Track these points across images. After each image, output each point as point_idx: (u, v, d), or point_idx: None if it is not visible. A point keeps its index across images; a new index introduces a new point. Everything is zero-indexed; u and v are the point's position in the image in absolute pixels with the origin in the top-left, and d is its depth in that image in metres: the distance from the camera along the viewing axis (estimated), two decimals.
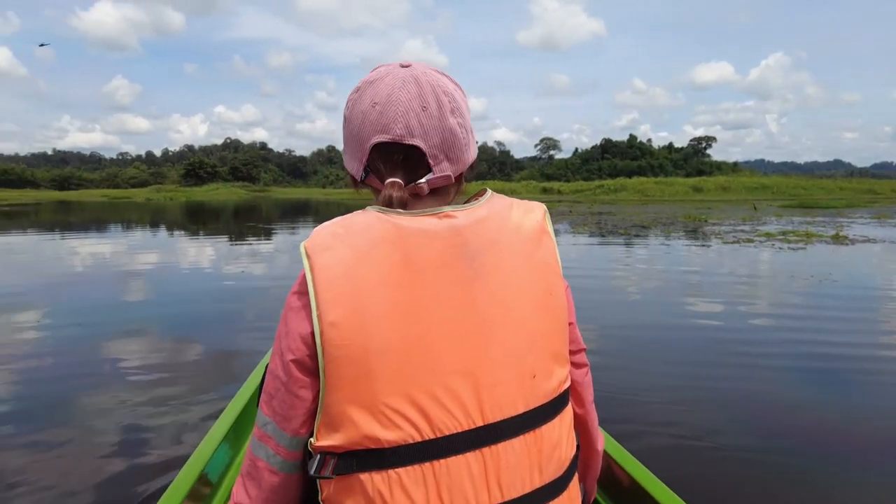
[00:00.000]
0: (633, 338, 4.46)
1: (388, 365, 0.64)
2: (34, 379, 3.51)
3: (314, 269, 0.67)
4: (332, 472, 0.66)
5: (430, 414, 0.65)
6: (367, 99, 0.77)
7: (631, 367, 3.65)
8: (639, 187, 47.69)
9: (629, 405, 2.97)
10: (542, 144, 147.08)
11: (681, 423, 2.77)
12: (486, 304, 0.69)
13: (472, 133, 0.82)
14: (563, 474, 0.74)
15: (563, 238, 11.33)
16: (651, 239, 11.80)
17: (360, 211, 0.72)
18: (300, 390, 0.71)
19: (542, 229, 0.76)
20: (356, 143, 0.77)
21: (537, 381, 0.71)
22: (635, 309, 5.54)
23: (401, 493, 0.64)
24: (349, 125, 0.79)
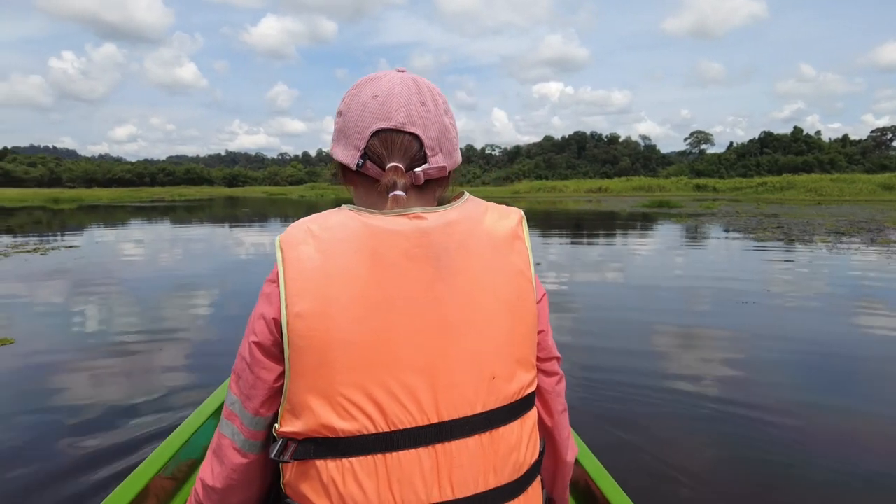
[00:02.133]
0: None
1: (349, 357, 0.67)
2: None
3: (286, 261, 0.70)
4: (291, 457, 0.69)
5: (385, 407, 0.67)
6: (368, 93, 0.79)
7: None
8: (810, 185, 41.99)
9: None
10: (692, 138, 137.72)
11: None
12: (450, 305, 0.71)
13: (458, 144, 0.85)
14: (521, 478, 0.74)
15: (745, 246, 9.76)
16: (867, 249, 9.38)
17: (334, 209, 0.75)
18: (262, 371, 0.73)
19: (515, 235, 0.78)
20: (354, 132, 0.78)
21: (497, 383, 0.72)
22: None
23: (353, 482, 0.66)
24: (346, 117, 0.80)
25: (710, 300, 5.31)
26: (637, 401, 2.92)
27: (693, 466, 2.22)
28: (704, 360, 3.61)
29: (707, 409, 2.84)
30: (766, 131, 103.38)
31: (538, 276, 0.82)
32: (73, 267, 7.34)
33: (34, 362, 3.59)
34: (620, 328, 4.41)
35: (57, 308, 5.16)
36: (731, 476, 2.18)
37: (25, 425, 2.64)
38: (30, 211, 23.11)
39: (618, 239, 11.21)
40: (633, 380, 3.23)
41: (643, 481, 2.11)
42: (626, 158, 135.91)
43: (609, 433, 2.53)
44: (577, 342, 4.01)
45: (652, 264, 7.84)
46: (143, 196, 46.29)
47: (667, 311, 4.84)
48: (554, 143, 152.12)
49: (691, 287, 6.01)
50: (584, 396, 2.95)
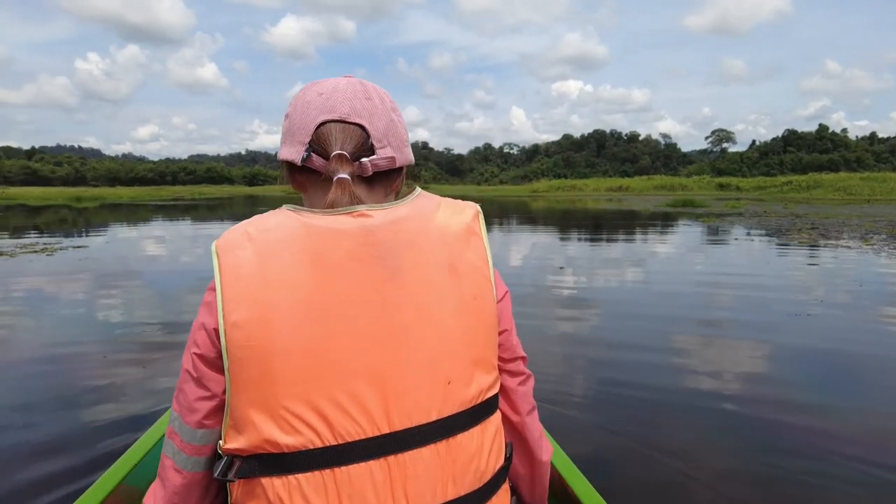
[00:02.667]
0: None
1: (291, 367, 0.63)
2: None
3: (222, 267, 0.66)
4: (235, 476, 0.66)
5: (332, 420, 0.64)
6: (312, 92, 0.78)
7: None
8: (839, 184, 40.79)
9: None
10: (713, 137, 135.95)
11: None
12: (399, 307, 0.67)
13: (408, 142, 0.83)
14: (484, 487, 0.71)
15: (782, 250, 9.15)
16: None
17: (274, 210, 0.72)
18: (206, 382, 0.70)
19: (470, 231, 0.74)
20: (300, 128, 0.76)
21: (453, 387, 0.68)
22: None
23: (301, 500, 0.63)
24: (291, 117, 0.78)
25: (752, 309, 4.88)
26: (661, 404, 2.77)
27: (709, 472, 2.11)
28: (757, 375, 3.25)
29: (739, 417, 2.61)
30: (789, 129, 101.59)
31: (499, 273, 0.81)
32: (71, 269, 6.98)
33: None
34: (647, 331, 4.07)
35: (28, 315, 4.66)
36: (751, 484, 2.04)
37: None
38: (55, 209, 23.30)
39: (641, 239, 10.74)
40: (666, 387, 2.96)
41: (657, 485, 2.01)
42: (645, 157, 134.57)
43: (623, 434, 2.42)
44: (600, 345, 3.72)
45: (681, 267, 7.46)
46: (164, 195, 46.79)
47: (703, 321, 4.44)
48: (573, 141, 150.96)
49: (726, 292, 5.58)
50: (606, 399, 2.81)
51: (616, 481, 2.02)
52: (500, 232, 12.77)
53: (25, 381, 3.14)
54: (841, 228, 12.56)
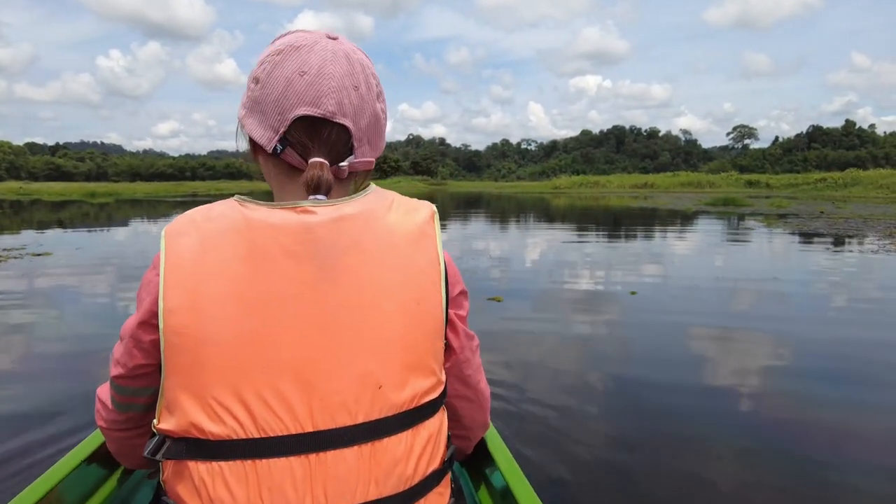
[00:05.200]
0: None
1: (220, 357, 0.64)
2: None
3: (167, 253, 0.67)
4: (163, 456, 0.67)
5: (256, 413, 0.64)
6: (292, 65, 0.71)
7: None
8: (880, 181, 38.85)
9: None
10: (735, 133, 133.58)
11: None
12: (334, 308, 0.66)
13: (385, 130, 0.81)
14: (409, 490, 0.70)
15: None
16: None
17: (223, 200, 0.71)
18: (140, 351, 0.72)
19: (422, 233, 0.72)
20: (273, 111, 0.72)
21: (385, 391, 0.68)
22: None
23: (223, 487, 0.64)
24: (265, 89, 0.72)
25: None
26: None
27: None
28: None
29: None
30: (814, 125, 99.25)
31: (459, 271, 0.80)
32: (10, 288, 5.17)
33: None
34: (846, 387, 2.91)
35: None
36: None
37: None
38: (65, 206, 22.58)
39: (711, 245, 9.30)
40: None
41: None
42: (666, 153, 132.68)
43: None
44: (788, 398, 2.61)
45: (813, 290, 5.41)
46: (181, 191, 46.35)
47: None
48: (592, 137, 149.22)
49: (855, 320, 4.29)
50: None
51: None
52: (538, 234, 11.62)
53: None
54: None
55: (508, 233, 11.60)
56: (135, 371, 0.73)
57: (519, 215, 17.53)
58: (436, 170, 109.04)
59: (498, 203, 26.90)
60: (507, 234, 11.16)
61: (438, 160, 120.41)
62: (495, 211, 20.06)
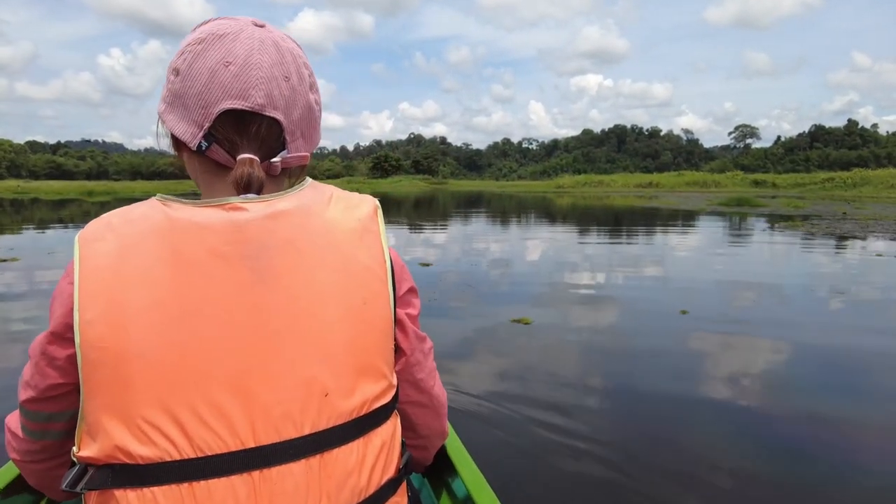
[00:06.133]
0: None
1: (147, 373, 0.59)
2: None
3: (81, 260, 0.61)
4: (85, 487, 0.61)
5: (190, 431, 0.59)
6: (216, 55, 0.66)
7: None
8: (890, 181, 38.33)
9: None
10: (736, 132, 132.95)
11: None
12: (270, 312, 0.62)
13: (320, 121, 0.77)
14: (365, 500, 0.66)
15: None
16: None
17: (144, 200, 0.66)
18: (53, 370, 0.65)
19: (365, 229, 0.68)
20: (196, 104, 0.67)
21: (332, 399, 0.63)
22: None
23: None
24: (186, 81, 0.67)
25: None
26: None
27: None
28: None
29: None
30: (816, 124, 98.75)
31: (407, 267, 0.77)
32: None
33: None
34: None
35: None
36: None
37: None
38: (57, 205, 22.00)
39: (738, 249, 8.64)
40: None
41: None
42: (667, 153, 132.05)
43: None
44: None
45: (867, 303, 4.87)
46: (180, 189, 45.80)
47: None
48: (593, 136, 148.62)
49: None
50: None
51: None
52: (554, 237, 10.91)
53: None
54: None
55: (521, 235, 10.89)
56: (48, 392, 0.66)
57: (528, 216, 16.94)
58: (437, 169, 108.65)
59: (500, 202, 26.36)
60: (520, 237, 10.43)
61: (439, 159, 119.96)
62: (501, 211, 19.49)
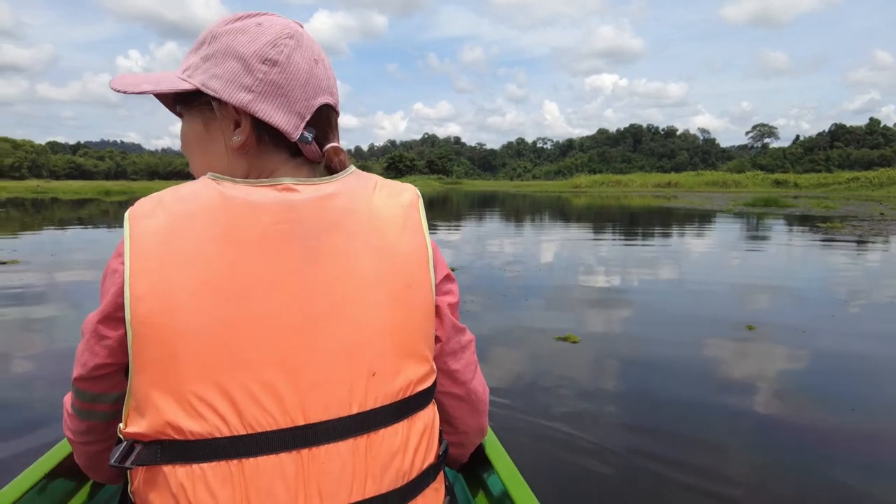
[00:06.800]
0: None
1: (197, 349, 0.59)
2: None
3: (132, 237, 0.61)
4: (134, 463, 0.61)
5: (242, 407, 0.59)
6: (307, 51, 0.70)
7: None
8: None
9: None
10: (754, 132, 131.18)
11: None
12: (320, 292, 0.62)
13: None
14: (406, 486, 0.66)
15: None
16: None
17: (195, 179, 0.67)
18: (96, 347, 0.66)
19: (407, 216, 0.70)
20: (301, 97, 0.69)
21: (377, 380, 0.64)
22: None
23: (204, 491, 0.59)
24: (287, 73, 0.68)
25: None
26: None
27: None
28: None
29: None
30: (837, 123, 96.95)
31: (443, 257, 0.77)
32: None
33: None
34: None
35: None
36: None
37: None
38: (74, 204, 21.90)
39: (805, 256, 7.81)
40: None
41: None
42: (683, 152, 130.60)
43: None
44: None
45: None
46: None
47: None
48: (608, 136, 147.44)
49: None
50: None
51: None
52: (584, 238, 10.32)
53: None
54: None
55: (547, 237, 10.33)
56: (95, 371, 0.67)
57: (550, 217, 16.42)
58: (451, 169, 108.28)
59: (516, 203, 25.83)
60: (547, 240, 9.87)
61: (453, 159, 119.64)
62: (519, 211, 18.94)
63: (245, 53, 0.68)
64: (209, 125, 0.71)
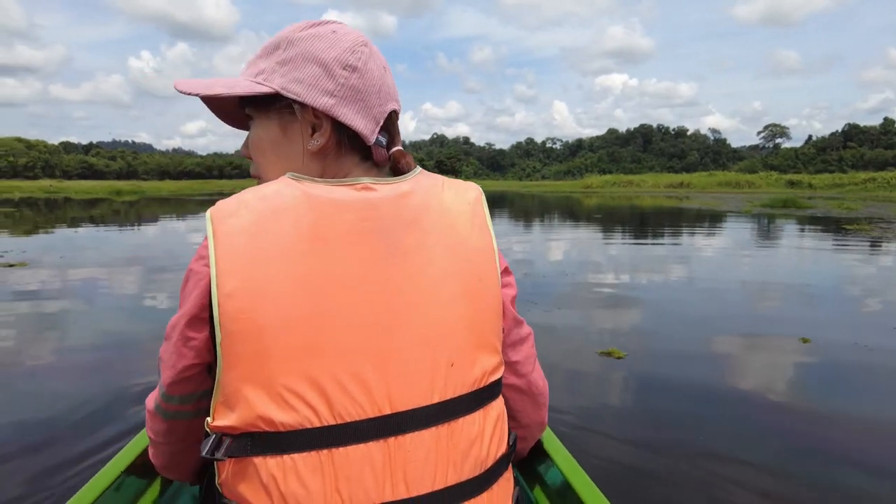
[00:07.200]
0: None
1: (287, 342, 0.60)
2: None
3: (216, 236, 0.63)
4: (225, 455, 0.62)
5: (332, 398, 0.61)
6: (378, 59, 0.74)
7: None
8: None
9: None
10: (766, 132, 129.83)
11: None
12: (401, 285, 0.64)
13: None
14: (484, 474, 0.68)
15: None
16: None
17: (275, 180, 0.68)
18: (189, 350, 0.68)
19: (474, 212, 0.72)
20: (376, 102, 0.72)
21: (456, 370, 0.66)
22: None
23: (295, 481, 0.60)
24: (365, 79, 0.71)
25: None
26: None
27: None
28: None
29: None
30: (850, 123, 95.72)
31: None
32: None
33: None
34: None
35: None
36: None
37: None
38: (83, 204, 21.89)
39: (847, 258, 7.58)
40: None
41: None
42: (694, 153, 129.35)
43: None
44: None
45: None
46: (206, 189, 46.08)
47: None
48: (618, 136, 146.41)
49: None
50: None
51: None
52: (611, 240, 10.02)
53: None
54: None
55: (568, 239, 10.01)
56: (184, 373, 0.69)
57: (566, 217, 16.15)
58: (460, 169, 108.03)
59: (521, 201, 25.61)
60: (569, 242, 9.56)
61: (462, 159, 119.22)
62: (518, 209, 18.72)
63: (326, 59, 0.70)
64: (286, 129, 0.73)
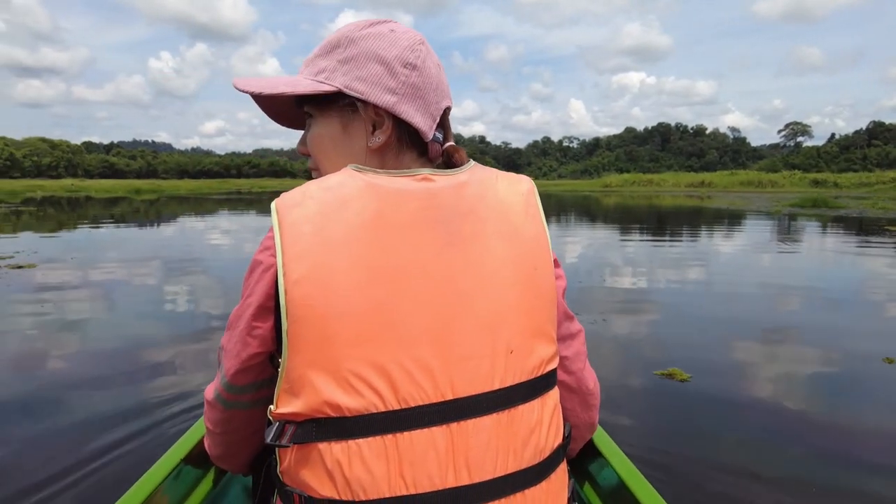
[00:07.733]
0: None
1: (353, 328, 0.61)
2: None
3: (282, 225, 0.64)
4: (290, 441, 0.63)
5: (397, 383, 0.61)
6: (434, 59, 0.76)
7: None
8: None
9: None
10: (787, 130, 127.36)
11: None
12: (462, 273, 0.65)
13: None
14: (543, 462, 0.68)
15: None
16: None
17: (337, 172, 0.70)
18: (254, 338, 0.70)
19: (528, 203, 0.73)
20: (434, 99, 0.75)
21: (515, 357, 0.67)
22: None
23: (360, 466, 0.60)
24: (424, 77, 0.73)
25: None
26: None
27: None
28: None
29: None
30: (875, 121, 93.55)
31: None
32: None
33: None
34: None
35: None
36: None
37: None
38: (103, 203, 22.00)
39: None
40: None
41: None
42: (713, 151, 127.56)
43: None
44: None
45: None
46: (224, 188, 46.35)
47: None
48: (636, 135, 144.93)
49: None
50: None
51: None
52: (656, 244, 9.52)
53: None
54: None
55: (601, 241, 9.56)
56: (248, 362, 0.71)
57: (592, 218, 15.77)
58: None
59: (547, 202, 24.86)
60: (602, 244, 9.14)
61: (478, 158, 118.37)
62: (552, 211, 18.22)
63: (387, 57, 0.72)
64: (348, 126, 0.75)
